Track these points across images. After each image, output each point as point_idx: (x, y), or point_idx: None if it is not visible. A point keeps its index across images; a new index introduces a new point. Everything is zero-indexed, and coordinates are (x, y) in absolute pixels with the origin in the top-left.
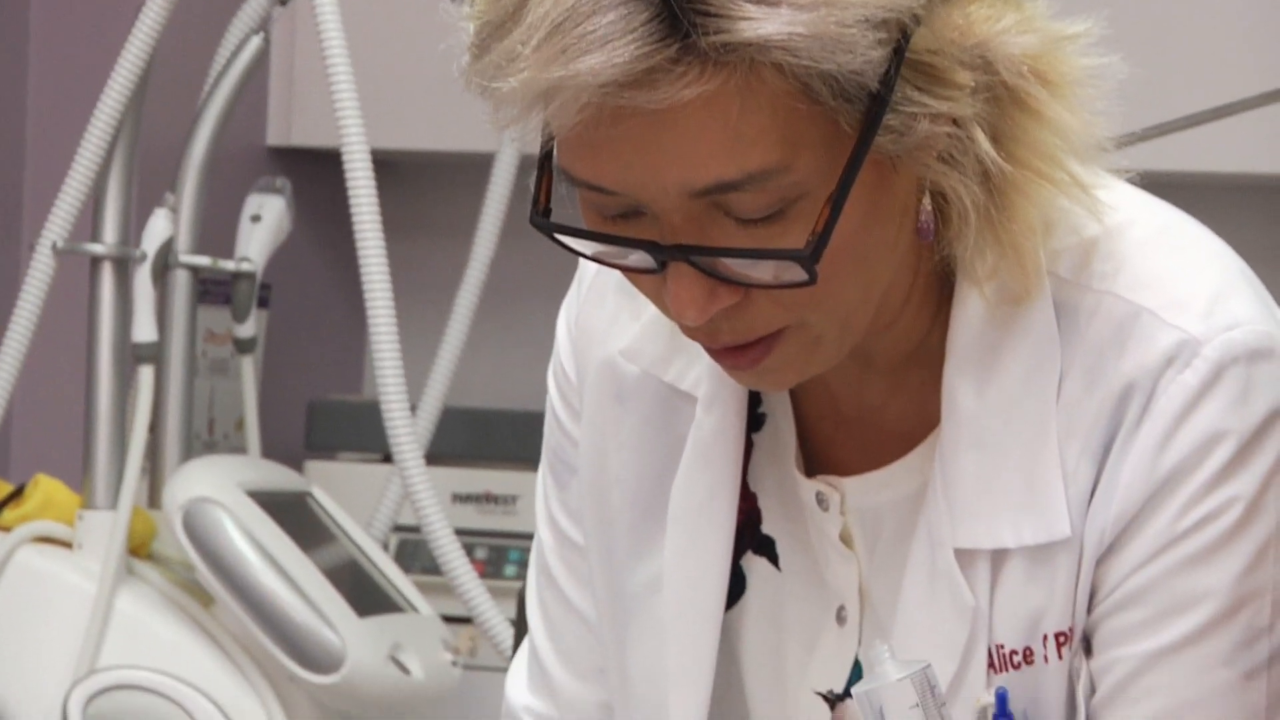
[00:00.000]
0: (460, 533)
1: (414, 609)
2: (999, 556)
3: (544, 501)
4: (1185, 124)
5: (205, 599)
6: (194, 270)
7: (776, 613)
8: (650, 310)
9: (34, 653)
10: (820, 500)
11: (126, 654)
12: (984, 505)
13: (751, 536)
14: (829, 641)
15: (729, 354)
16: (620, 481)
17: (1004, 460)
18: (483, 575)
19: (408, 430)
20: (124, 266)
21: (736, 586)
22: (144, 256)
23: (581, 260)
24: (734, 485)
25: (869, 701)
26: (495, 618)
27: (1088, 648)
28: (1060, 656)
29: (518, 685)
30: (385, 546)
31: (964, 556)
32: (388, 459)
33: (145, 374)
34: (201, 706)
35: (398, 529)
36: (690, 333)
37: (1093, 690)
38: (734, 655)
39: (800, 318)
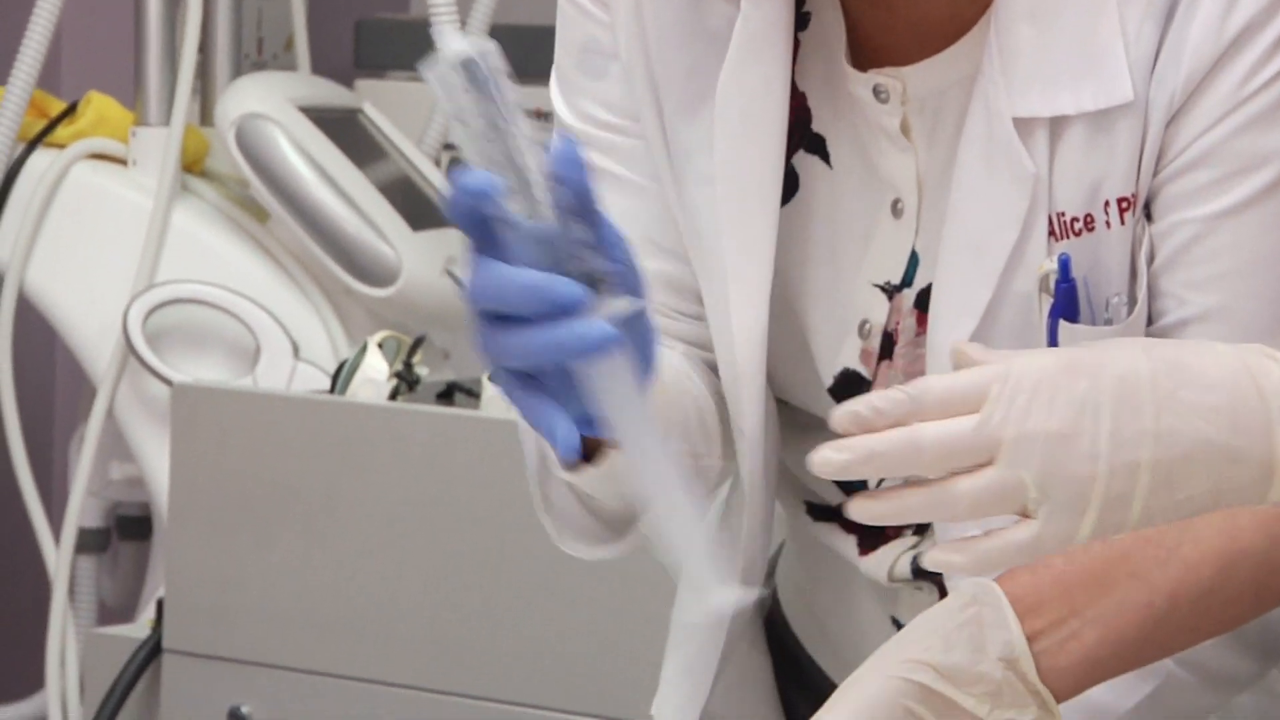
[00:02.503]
0: None
1: None
2: (1058, 124)
3: (570, 99)
4: None
5: (260, 214)
6: None
7: (831, 209)
8: None
9: (92, 268)
10: (878, 92)
11: (184, 268)
12: (1041, 73)
13: (802, 135)
14: (884, 234)
15: None
16: (661, 79)
17: (1061, 27)
18: None
19: None
20: None
21: (790, 184)
22: None
23: None
24: (785, 78)
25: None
26: None
27: (1149, 215)
28: (1122, 222)
29: None
30: (437, 163)
31: (1022, 125)
32: None
33: None
34: (259, 319)
35: (448, 147)
36: None
37: (1153, 257)
38: (791, 252)
39: None
